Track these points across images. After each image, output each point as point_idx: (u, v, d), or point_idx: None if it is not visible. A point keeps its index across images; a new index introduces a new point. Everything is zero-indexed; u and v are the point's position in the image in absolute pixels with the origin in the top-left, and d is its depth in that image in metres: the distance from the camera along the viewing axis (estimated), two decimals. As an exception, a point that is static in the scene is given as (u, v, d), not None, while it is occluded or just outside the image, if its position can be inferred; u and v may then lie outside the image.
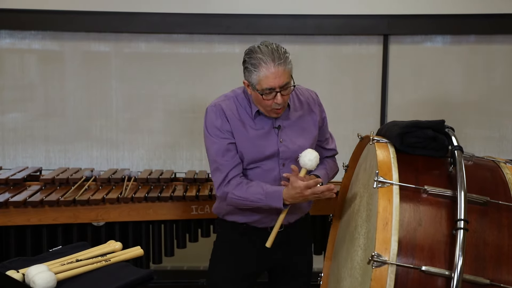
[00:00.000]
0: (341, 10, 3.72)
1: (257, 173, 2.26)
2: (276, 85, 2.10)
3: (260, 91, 2.12)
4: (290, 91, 2.17)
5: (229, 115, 2.23)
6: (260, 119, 2.25)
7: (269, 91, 2.11)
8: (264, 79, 2.10)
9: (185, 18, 3.68)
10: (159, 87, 3.79)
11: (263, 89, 2.11)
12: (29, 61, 3.79)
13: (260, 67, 2.09)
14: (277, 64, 2.09)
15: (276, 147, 2.24)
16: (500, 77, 3.86)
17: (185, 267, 3.84)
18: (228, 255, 2.37)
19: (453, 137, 1.87)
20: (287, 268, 2.40)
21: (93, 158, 3.80)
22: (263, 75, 2.09)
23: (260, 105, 2.20)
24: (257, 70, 2.10)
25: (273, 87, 2.11)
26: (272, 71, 2.08)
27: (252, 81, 2.14)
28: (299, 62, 3.81)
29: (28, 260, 1.95)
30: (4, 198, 2.83)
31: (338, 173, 2.49)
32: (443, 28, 3.76)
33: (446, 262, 1.58)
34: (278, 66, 2.09)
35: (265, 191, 2.16)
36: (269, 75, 2.09)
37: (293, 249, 2.38)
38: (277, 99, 2.13)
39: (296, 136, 2.27)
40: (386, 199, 1.64)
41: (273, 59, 2.09)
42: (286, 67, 2.12)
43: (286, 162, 2.25)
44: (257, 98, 2.17)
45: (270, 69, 2.08)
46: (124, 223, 2.94)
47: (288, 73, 2.13)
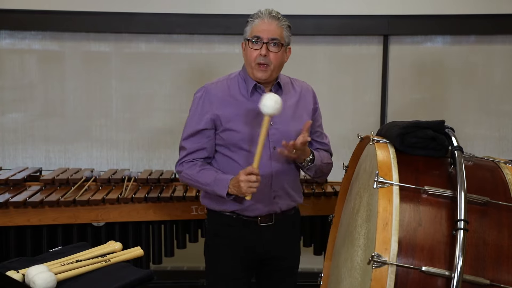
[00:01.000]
0: (341, 10, 3.73)
1: (247, 157, 2.26)
2: (264, 35, 2.21)
3: (249, 38, 2.24)
4: (278, 50, 2.23)
5: (218, 97, 2.29)
6: (254, 98, 2.27)
7: (256, 39, 2.21)
8: (255, 27, 2.24)
9: (185, 18, 3.68)
10: (159, 87, 3.79)
11: (252, 36, 2.22)
12: (29, 61, 3.79)
13: (255, 18, 2.26)
14: (270, 17, 2.25)
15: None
16: (500, 77, 3.86)
17: (185, 267, 3.84)
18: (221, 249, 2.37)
19: (453, 137, 1.87)
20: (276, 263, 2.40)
21: (93, 158, 3.80)
22: (255, 24, 2.25)
23: (247, 62, 2.27)
24: (252, 21, 2.26)
25: (261, 36, 2.21)
26: (265, 21, 2.24)
27: (246, 34, 2.28)
28: (299, 62, 3.81)
29: (28, 261, 1.95)
30: (4, 199, 2.83)
31: (338, 173, 2.49)
32: (443, 28, 3.76)
33: (446, 262, 1.58)
34: (271, 19, 2.24)
35: (215, 177, 2.24)
36: (261, 23, 2.24)
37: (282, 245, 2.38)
38: (262, 50, 2.21)
39: (288, 120, 2.30)
40: (386, 199, 1.64)
41: (269, 13, 2.26)
42: (280, 24, 2.25)
43: (277, 146, 2.26)
44: (246, 54, 2.27)
45: (263, 19, 2.24)
46: (124, 223, 2.94)
47: (281, 31, 2.25)
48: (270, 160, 2.28)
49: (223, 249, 2.36)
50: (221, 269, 2.38)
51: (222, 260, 2.37)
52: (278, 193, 2.32)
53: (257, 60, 2.22)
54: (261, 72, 2.24)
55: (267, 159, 2.27)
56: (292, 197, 2.37)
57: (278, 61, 2.25)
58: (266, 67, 2.23)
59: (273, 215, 2.32)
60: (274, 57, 2.23)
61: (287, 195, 2.34)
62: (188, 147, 2.32)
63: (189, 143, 2.32)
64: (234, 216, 2.32)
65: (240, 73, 2.35)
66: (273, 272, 2.42)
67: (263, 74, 2.24)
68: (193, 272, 3.70)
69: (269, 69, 2.24)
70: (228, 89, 2.31)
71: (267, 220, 2.32)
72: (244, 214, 2.31)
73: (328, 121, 3.81)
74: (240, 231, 2.32)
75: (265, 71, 2.24)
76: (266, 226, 2.32)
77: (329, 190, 3.07)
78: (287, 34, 2.28)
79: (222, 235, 2.36)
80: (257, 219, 2.31)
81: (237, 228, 2.32)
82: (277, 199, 2.32)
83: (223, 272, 2.37)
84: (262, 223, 2.32)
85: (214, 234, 2.41)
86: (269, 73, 2.25)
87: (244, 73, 2.33)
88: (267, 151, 2.26)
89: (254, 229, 2.31)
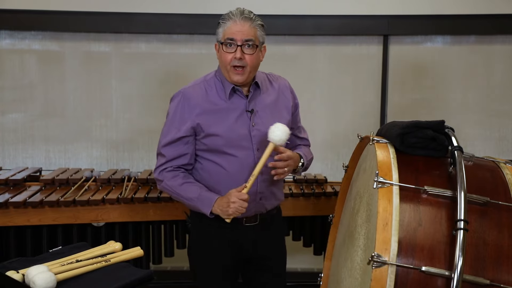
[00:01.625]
0: (340, 10, 3.72)
1: (232, 161, 2.24)
2: (238, 37, 2.17)
3: (222, 42, 2.19)
4: (253, 51, 2.20)
5: (197, 103, 2.25)
6: (233, 101, 2.26)
7: (230, 41, 2.18)
8: (227, 30, 2.19)
9: (185, 18, 3.68)
10: (159, 87, 3.79)
11: (225, 39, 2.18)
12: (29, 61, 3.78)
13: (227, 19, 2.20)
14: (242, 17, 2.19)
15: (248, 130, 2.24)
16: (500, 77, 3.86)
17: (185, 267, 3.83)
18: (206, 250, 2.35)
19: (453, 137, 1.87)
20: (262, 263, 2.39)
21: (93, 158, 3.80)
22: (227, 26, 2.19)
23: (223, 65, 2.24)
24: (224, 23, 2.21)
25: (234, 38, 2.17)
26: (237, 23, 2.18)
27: (218, 36, 2.23)
28: (299, 62, 3.82)
29: (28, 261, 1.95)
30: (4, 199, 2.83)
31: (338, 173, 2.49)
32: (443, 28, 3.76)
33: (446, 262, 1.58)
34: (243, 20, 2.18)
35: (199, 194, 2.21)
36: (233, 25, 2.18)
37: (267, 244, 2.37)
38: (236, 53, 2.17)
39: (268, 119, 2.26)
40: (386, 200, 1.64)
41: (241, 13, 2.20)
42: (252, 24, 2.20)
43: (260, 147, 2.25)
44: (220, 56, 2.23)
45: (235, 21, 2.18)
46: (124, 223, 2.94)
47: (254, 31, 2.20)
48: (254, 162, 2.24)
49: (207, 250, 2.34)
50: (206, 270, 2.36)
51: (207, 261, 2.35)
52: (264, 194, 2.30)
53: (232, 63, 2.19)
54: (238, 75, 2.21)
55: (252, 162, 2.24)
56: (276, 195, 2.37)
57: (253, 62, 2.21)
58: (242, 69, 2.20)
59: (258, 215, 2.32)
60: (250, 58, 2.19)
61: (271, 194, 2.33)
62: (168, 155, 2.27)
63: (169, 151, 2.27)
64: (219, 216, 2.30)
65: (217, 75, 2.31)
66: (259, 272, 2.40)
67: (240, 77, 2.21)
68: (193, 272, 3.70)
69: (245, 71, 2.21)
70: (206, 93, 2.27)
71: (252, 220, 2.32)
72: None
73: (328, 121, 3.85)
74: (225, 231, 2.30)
75: (242, 74, 2.21)
76: (251, 226, 2.32)
77: (329, 190, 3.07)
78: (261, 33, 2.23)
79: (207, 236, 2.34)
80: (243, 220, 2.30)
81: (221, 228, 2.29)
82: (263, 200, 2.31)
83: (208, 273, 2.36)
84: (247, 223, 2.31)
85: (198, 235, 2.38)
86: (246, 76, 2.22)
87: (220, 74, 2.29)
88: (251, 153, 2.25)
89: (239, 229, 2.30)
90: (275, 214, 2.42)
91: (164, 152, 2.29)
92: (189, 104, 2.26)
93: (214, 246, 2.33)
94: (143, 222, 2.96)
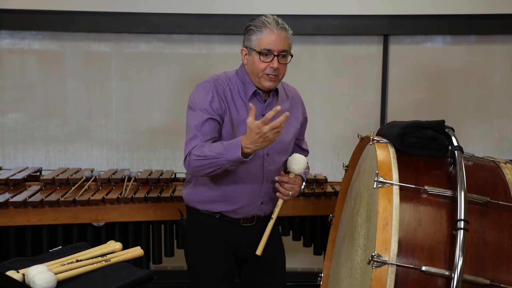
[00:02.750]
0: (341, 10, 3.73)
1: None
2: (275, 47, 2.17)
3: (258, 51, 2.17)
4: (286, 61, 2.22)
5: (223, 93, 2.24)
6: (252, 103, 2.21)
7: (267, 51, 2.17)
8: (264, 39, 2.17)
9: (185, 18, 3.68)
10: (159, 87, 3.79)
11: (262, 49, 2.17)
12: (29, 61, 3.79)
13: (263, 27, 2.18)
14: (279, 27, 2.18)
15: None
16: (500, 77, 3.86)
17: (185, 267, 3.82)
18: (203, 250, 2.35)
19: (453, 137, 1.87)
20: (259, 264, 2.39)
21: (93, 158, 3.80)
22: (264, 35, 2.17)
23: (254, 73, 2.21)
24: (260, 30, 2.18)
25: (272, 49, 2.16)
26: (274, 32, 2.17)
27: (251, 43, 2.20)
28: (299, 62, 3.80)
29: (28, 260, 1.94)
30: (4, 198, 2.83)
31: (338, 173, 2.50)
32: (443, 28, 3.76)
33: (446, 262, 1.58)
34: (280, 30, 2.18)
35: (224, 145, 2.09)
36: (270, 35, 2.17)
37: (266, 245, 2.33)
38: (273, 63, 2.17)
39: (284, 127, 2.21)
40: (386, 199, 1.64)
41: (276, 22, 2.19)
42: (287, 34, 2.20)
43: (270, 152, 2.26)
44: (253, 64, 2.20)
45: (272, 30, 2.17)
46: (124, 223, 2.94)
47: (288, 42, 2.21)
48: (263, 167, 2.26)
49: (204, 251, 2.35)
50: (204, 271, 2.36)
51: (204, 262, 2.35)
52: (265, 198, 2.32)
53: (266, 71, 2.19)
54: (270, 82, 2.21)
55: (260, 166, 2.26)
56: (275, 201, 2.35)
57: (285, 70, 2.25)
58: (275, 77, 2.22)
59: (255, 217, 2.33)
60: (283, 68, 2.22)
61: (271, 200, 2.34)
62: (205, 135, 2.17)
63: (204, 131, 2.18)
64: (218, 216, 2.30)
65: (239, 74, 2.30)
66: (257, 273, 2.41)
67: (272, 84, 2.22)
68: (193, 272, 3.70)
69: (278, 79, 2.23)
70: (230, 90, 2.27)
71: (249, 222, 2.33)
72: (229, 216, 2.30)
73: (328, 121, 3.85)
74: (222, 231, 2.31)
75: (275, 82, 2.23)
76: (248, 226, 2.32)
77: (329, 190, 3.07)
78: (291, 41, 2.25)
79: (203, 237, 2.34)
80: (239, 221, 2.31)
81: (218, 228, 2.30)
82: (264, 205, 2.32)
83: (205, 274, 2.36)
84: (243, 224, 2.32)
85: (194, 236, 2.38)
86: (277, 83, 2.26)
87: (243, 75, 2.28)
88: (260, 158, 2.25)
89: (236, 229, 2.31)
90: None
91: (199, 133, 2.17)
92: (218, 92, 2.23)
93: (211, 247, 2.33)
94: (143, 222, 2.96)
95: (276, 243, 2.46)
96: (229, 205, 2.28)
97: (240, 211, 2.29)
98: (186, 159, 2.18)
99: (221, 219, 2.30)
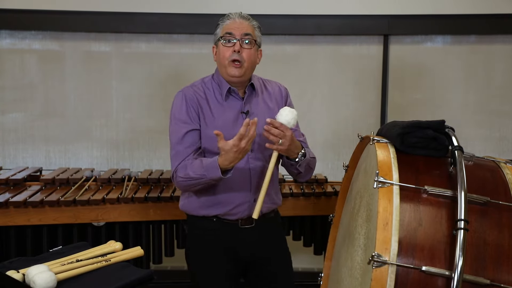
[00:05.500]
0: (341, 10, 3.73)
1: None
2: (236, 32, 2.23)
3: (221, 36, 2.25)
4: (251, 46, 2.25)
5: (195, 101, 2.28)
6: (229, 103, 2.28)
7: (229, 36, 2.23)
8: (226, 27, 2.26)
9: (185, 18, 3.68)
10: (159, 87, 3.79)
11: (224, 33, 2.24)
12: (29, 61, 3.79)
13: (226, 19, 2.29)
14: (241, 16, 2.28)
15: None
16: (500, 77, 3.86)
17: (185, 267, 3.82)
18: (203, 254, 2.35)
19: (453, 137, 1.87)
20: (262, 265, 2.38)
21: (93, 158, 3.80)
22: (226, 24, 2.27)
23: (221, 62, 2.26)
24: (223, 22, 2.29)
25: (233, 33, 2.23)
26: (236, 20, 2.26)
27: (217, 35, 2.29)
28: (299, 62, 3.82)
29: (29, 260, 1.95)
30: (4, 198, 2.83)
31: (338, 173, 2.49)
32: (443, 28, 3.76)
33: (446, 262, 1.58)
34: (241, 18, 2.27)
35: (204, 165, 2.15)
36: (232, 23, 2.26)
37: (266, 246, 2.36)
38: (235, 47, 2.21)
39: (263, 121, 2.20)
40: (386, 199, 1.64)
41: (239, 14, 2.29)
42: (250, 23, 2.28)
43: (254, 148, 2.26)
44: (219, 54, 2.26)
45: (234, 19, 2.27)
46: (124, 223, 2.94)
47: (252, 29, 2.27)
48: (248, 164, 2.26)
49: (204, 254, 2.34)
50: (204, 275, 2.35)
51: (204, 265, 2.35)
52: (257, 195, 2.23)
53: (230, 57, 2.22)
54: (235, 69, 2.22)
55: (245, 163, 2.25)
56: (272, 199, 2.35)
57: (251, 58, 2.25)
58: (240, 64, 2.22)
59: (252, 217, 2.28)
60: (247, 54, 2.23)
61: (267, 196, 2.26)
62: (182, 154, 2.25)
63: (182, 148, 2.25)
64: (215, 219, 2.30)
65: (214, 77, 2.35)
66: (262, 274, 2.39)
67: (236, 71, 2.22)
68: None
69: (243, 66, 2.23)
70: (204, 94, 2.30)
71: (248, 223, 2.30)
72: (226, 218, 2.29)
73: (329, 121, 3.85)
74: (221, 234, 2.31)
75: (240, 68, 2.23)
76: (247, 228, 2.31)
77: (329, 190, 3.07)
78: (258, 34, 2.29)
79: (203, 240, 2.34)
80: (238, 222, 2.30)
81: (218, 231, 2.30)
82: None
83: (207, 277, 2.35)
84: (242, 226, 2.31)
85: (195, 240, 2.38)
86: (243, 71, 2.24)
87: (217, 76, 2.32)
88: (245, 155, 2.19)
89: (235, 232, 2.30)
90: (273, 218, 2.41)
91: (176, 151, 2.26)
92: (190, 101, 2.29)
93: (210, 251, 2.33)
94: (143, 221, 2.96)
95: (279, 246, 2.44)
96: (223, 207, 2.27)
97: (234, 211, 2.28)
98: (173, 176, 2.27)
99: (219, 222, 2.30)
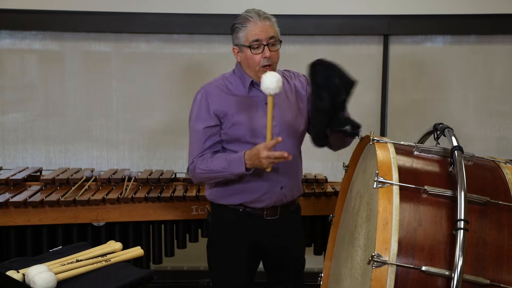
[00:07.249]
0: (341, 10, 3.73)
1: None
2: (262, 37, 2.25)
3: (248, 45, 2.26)
4: (277, 48, 2.30)
5: (219, 96, 2.32)
6: (253, 93, 2.34)
7: (256, 43, 2.25)
8: (250, 32, 2.26)
9: (185, 18, 3.68)
10: (159, 87, 3.79)
11: (251, 42, 2.24)
12: (29, 61, 3.79)
13: (247, 23, 2.27)
14: (262, 18, 2.27)
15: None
16: (500, 77, 3.86)
17: (185, 267, 3.84)
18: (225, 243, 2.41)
19: (453, 137, 1.87)
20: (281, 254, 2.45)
21: (93, 158, 3.80)
22: (249, 29, 2.26)
23: (250, 67, 2.30)
24: (244, 26, 2.27)
25: (260, 39, 2.25)
26: (258, 24, 2.26)
27: (240, 40, 2.29)
28: (299, 62, 3.79)
29: (28, 260, 1.95)
30: (4, 198, 2.84)
31: (338, 173, 2.50)
32: (443, 28, 3.76)
33: (446, 262, 1.58)
34: (263, 20, 2.27)
35: (228, 160, 2.25)
36: (255, 27, 2.26)
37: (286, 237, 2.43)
38: (265, 53, 2.25)
39: (286, 111, 2.35)
40: (386, 199, 1.64)
41: (258, 14, 2.28)
42: (271, 23, 2.30)
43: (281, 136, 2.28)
44: (247, 59, 2.29)
45: (256, 22, 2.26)
46: (124, 223, 2.94)
47: (274, 29, 2.30)
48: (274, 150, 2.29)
49: (227, 243, 2.41)
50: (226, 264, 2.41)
51: (226, 254, 2.41)
52: (284, 183, 2.36)
53: (261, 63, 2.27)
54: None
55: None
56: (295, 186, 2.43)
57: (278, 57, 2.33)
58: (270, 67, 2.29)
59: (278, 208, 2.37)
60: (275, 55, 2.31)
61: (291, 185, 2.39)
62: (200, 147, 2.32)
63: (200, 143, 2.32)
64: (241, 209, 2.35)
65: (235, 72, 2.40)
66: (279, 262, 2.47)
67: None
68: (193, 272, 3.70)
69: (273, 68, 2.31)
70: (227, 87, 2.36)
71: (272, 214, 2.37)
72: (251, 206, 2.35)
73: (328, 121, 3.84)
74: (245, 225, 2.37)
75: (270, 69, 2.29)
76: (271, 220, 2.37)
77: (329, 190, 3.07)
78: (278, 29, 2.34)
79: (227, 230, 2.40)
80: (263, 213, 2.36)
81: (242, 222, 2.36)
82: (284, 189, 2.37)
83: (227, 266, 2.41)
84: (267, 217, 2.36)
85: (218, 229, 2.44)
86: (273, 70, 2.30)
87: (239, 71, 2.37)
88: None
89: (259, 222, 2.36)
90: (295, 210, 2.49)
91: (197, 145, 2.32)
92: (211, 97, 2.33)
93: (235, 244, 2.39)
94: (143, 222, 2.96)
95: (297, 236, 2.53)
96: (250, 194, 2.33)
97: (261, 199, 2.34)
98: (190, 169, 2.33)
99: (245, 212, 2.35)
